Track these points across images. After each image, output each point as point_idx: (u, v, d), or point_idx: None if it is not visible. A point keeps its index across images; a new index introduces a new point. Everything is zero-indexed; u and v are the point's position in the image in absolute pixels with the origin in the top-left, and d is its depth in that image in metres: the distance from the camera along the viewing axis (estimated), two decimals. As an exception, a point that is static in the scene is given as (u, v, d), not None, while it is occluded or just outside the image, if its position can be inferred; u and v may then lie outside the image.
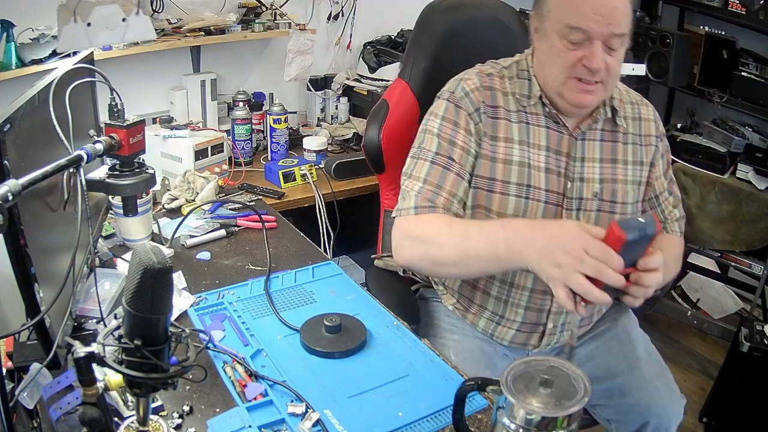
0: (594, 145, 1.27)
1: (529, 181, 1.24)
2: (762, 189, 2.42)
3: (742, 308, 2.77)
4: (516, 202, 1.24)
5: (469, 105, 1.24)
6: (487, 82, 1.26)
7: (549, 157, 1.25)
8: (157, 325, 0.73)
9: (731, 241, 2.52)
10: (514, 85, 1.27)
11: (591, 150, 1.27)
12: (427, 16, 1.63)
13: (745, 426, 2.09)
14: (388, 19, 2.72)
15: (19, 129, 0.86)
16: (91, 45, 1.79)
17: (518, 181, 1.23)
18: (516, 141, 1.24)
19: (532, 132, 1.25)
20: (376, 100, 2.46)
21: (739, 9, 2.58)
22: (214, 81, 2.31)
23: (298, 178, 2.10)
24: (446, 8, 1.60)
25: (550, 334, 1.33)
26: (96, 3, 1.79)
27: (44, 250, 0.96)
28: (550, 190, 1.24)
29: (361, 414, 1.00)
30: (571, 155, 1.25)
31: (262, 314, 1.27)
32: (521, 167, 1.23)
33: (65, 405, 0.92)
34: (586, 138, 1.27)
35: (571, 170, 1.25)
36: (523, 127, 1.25)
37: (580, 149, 1.26)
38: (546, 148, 1.25)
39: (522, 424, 0.77)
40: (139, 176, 1.12)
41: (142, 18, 1.93)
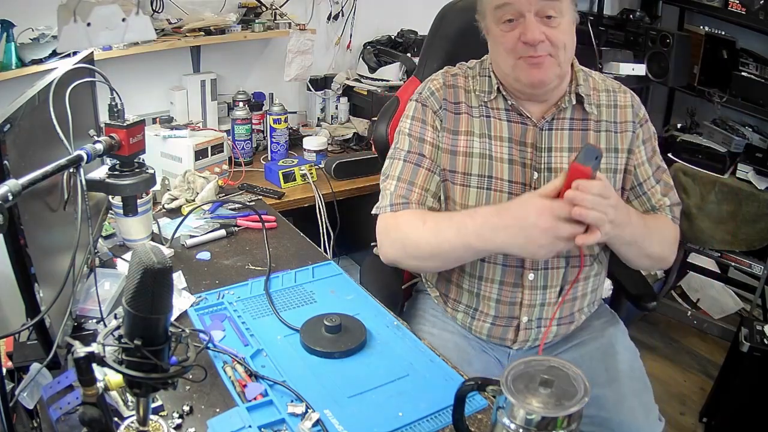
0: (562, 134, 1.26)
1: (490, 172, 1.26)
2: (762, 189, 2.42)
3: (742, 308, 2.77)
4: (477, 193, 1.26)
5: (434, 103, 1.30)
6: (451, 81, 1.31)
7: (512, 149, 1.25)
8: (157, 325, 0.73)
9: (731, 241, 2.52)
10: (476, 82, 1.30)
11: (558, 139, 1.26)
12: (443, 15, 1.65)
13: (745, 426, 2.09)
14: (388, 19, 2.73)
15: (19, 129, 0.86)
16: (91, 45, 1.79)
17: (479, 172, 1.26)
18: (477, 134, 1.27)
19: (493, 125, 1.27)
20: (376, 100, 2.48)
21: (739, 9, 2.59)
22: (214, 81, 2.32)
23: (298, 178, 2.10)
24: (462, 8, 1.61)
25: (526, 328, 1.31)
26: (96, 3, 1.79)
27: (44, 250, 0.96)
28: (513, 180, 1.25)
29: (361, 414, 1.00)
30: (537, 146, 1.25)
31: (262, 314, 1.27)
32: (482, 159, 1.26)
33: (65, 405, 0.92)
34: (553, 128, 1.26)
35: (537, 161, 1.25)
36: (484, 121, 1.27)
37: (546, 139, 1.25)
38: (508, 140, 1.26)
39: (522, 424, 0.77)
40: (139, 176, 1.12)
41: (142, 18, 1.93)
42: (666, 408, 2.31)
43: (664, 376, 2.45)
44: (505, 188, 1.25)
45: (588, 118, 1.27)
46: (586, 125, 1.27)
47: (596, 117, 1.27)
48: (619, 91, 1.31)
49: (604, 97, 1.29)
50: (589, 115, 1.27)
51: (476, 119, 1.28)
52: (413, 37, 2.65)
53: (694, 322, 2.77)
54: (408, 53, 2.61)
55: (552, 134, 1.26)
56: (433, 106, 1.30)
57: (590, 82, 1.30)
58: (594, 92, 1.28)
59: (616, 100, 1.29)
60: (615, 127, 1.28)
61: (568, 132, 1.26)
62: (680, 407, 2.33)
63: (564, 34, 1.16)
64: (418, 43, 2.64)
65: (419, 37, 2.66)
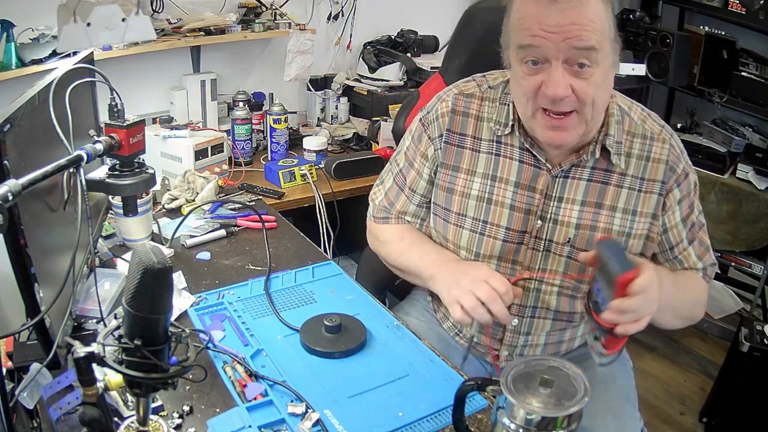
0: (578, 184, 1.12)
1: (486, 217, 1.18)
2: (762, 189, 2.42)
3: (742, 308, 2.77)
4: (470, 236, 1.20)
5: (434, 130, 1.22)
6: (461, 107, 1.19)
7: (517, 194, 1.15)
8: (157, 325, 0.73)
9: (731, 241, 2.52)
10: (493, 109, 1.17)
11: (573, 190, 1.13)
12: (469, 14, 1.65)
13: (745, 426, 2.09)
14: (388, 19, 2.73)
15: (19, 129, 0.86)
16: (91, 45, 1.79)
17: (475, 216, 1.19)
18: (479, 174, 1.18)
19: (501, 165, 1.16)
20: (376, 100, 2.48)
21: (739, 9, 2.59)
22: (214, 81, 2.31)
23: (298, 178, 2.10)
24: (488, 7, 1.61)
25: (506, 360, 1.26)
26: (96, 3, 1.79)
27: (44, 250, 0.96)
28: (511, 228, 1.16)
29: (361, 414, 1.00)
30: (547, 194, 1.13)
31: (262, 314, 1.27)
32: (479, 202, 1.18)
33: (65, 405, 0.92)
34: (569, 176, 1.12)
35: (545, 210, 1.14)
36: (491, 159, 1.17)
37: (559, 188, 1.13)
38: (515, 184, 1.15)
39: (522, 424, 0.77)
40: (139, 176, 1.12)
41: (142, 18, 1.93)
42: (666, 408, 2.32)
43: (664, 376, 2.46)
44: (500, 236, 1.17)
45: (612, 171, 1.12)
46: (608, 178, 1.12)
47: (621, 170, 1.11)
48: (656, 140, 1.12)
49: (637, 144, 1.11)
50: (614, 167, 1.11)
51: (483, 155, 1.18)
52: (413, 37, 2.65)
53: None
54: (408, 53, 2.61)
55: (567, 183, 1.13)
56: (432, 133, 1.21)
57: (625, 123, 1.12)
58: (627, 137, 1.11)
59: (650, 151, 1.11)
60: (640, 185, 1.12)
61: (586, 183, 1.12)
62: (680, 407, 2.33)
63: (595, 88, 0.99)
64: (418, 43, 2.65)
65: (419, 37, 2.66)
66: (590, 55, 0.96)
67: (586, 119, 1.02)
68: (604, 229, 1.13)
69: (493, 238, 1.18)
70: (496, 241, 1.18)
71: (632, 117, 1.13)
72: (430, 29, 2.75)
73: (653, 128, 1.13)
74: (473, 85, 1.22)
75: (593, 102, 1.00)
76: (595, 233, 1.13)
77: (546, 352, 1.27)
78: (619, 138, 1.11)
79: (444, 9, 2.94)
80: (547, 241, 1.16)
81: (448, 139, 1.20)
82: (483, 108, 1.18)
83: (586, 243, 1.13)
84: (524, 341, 1.24)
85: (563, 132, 1.02)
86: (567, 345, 1.29)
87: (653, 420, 2.25)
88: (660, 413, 2.29)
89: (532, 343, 1.25)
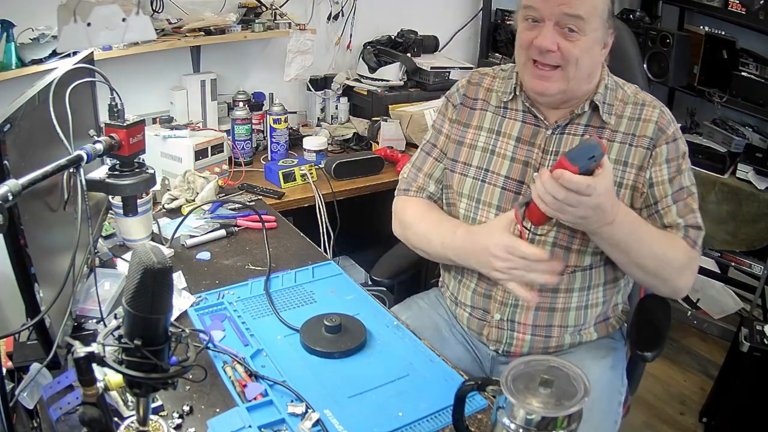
0: (574, 139, 1.25)
1: (488, 165, 1.30)
2: (762, 189, 2.42)
3: (742, 308, 2.77)
4: (472, 184, 1.32)
5: (456, 98, 1.39)
6: (476, 80, 1.38)
7: (517, 147, 1.28)
8: (157, 325, 0.74)
9: (731, 241, 2.52)
10: (501, 84, 1.34)
11: (569, 144, 1.25)
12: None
13: (745, 426, 2.09)
14: (388, 19, 2.73)
15: (19, 129, 0.86)
16: (91, 45, 1.79)
17: (478, 164, 1.32)
18: (485, 129, 1.33)
19: (505, 123, 1.31)
20: (376, 100, 2.48)
21: (739, 9, 2.59)
22: (214, 81, 2.31)
23: (298, 178, 2.10)
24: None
25: (498, 327, 1.30)
26: (96, 3, 1.79)
27: (44, 250, 0.96)
28: (510, 177, 1.28)
29: (361, 414, 1.00)
30: (545, 148, 1.26)
31: (262, 314, 1.27)
32: (483, 153, 1.32)
33: (65, 405, 0.92)
34: (565, 132, 1.25)
35: (543, 163, 1.26)
36: (496, 118, 1.32)
37: (555, 142, 1.25)
38: (516, 139, 1.29)
39: (522, 424, 0.77)
40: (139, 176, 1.12)
41: (142, 18, 1.93)
42: (666, 408, 2.32)
43: (664, 376, 2.46)
44: (499, 183, 1.29)
45: (604, 127, 1.24)
46: (601, 134, 1.24)
47: (613, 127, 1.23)
48: (648, 106, 1.24)
49: (629, 109, 1.25)
50: (605, 124, 1.24)
51: (489, 115, 1.33)
52: (413, 37, 2.65)
53: (694, 322, 2.77)
54: (408, 53, 2.61)
55: (563, 138, 1.25)
56: (454, 101, 1.39)
57: (618, 93, 1.26)
58: (619, 103, 1.25)
59: (641, 114, 1.24)
60: (630, 140, 1.23)
61: (580, 138, 1.25)
62: (680, 407, 2.33)
63: (580, 50, 1.14)
64: (418, 43, 2.65)
65: (419, 37, 2.66)
66: (578, 22, 1.13)
67: (568, 76, 1.17)
68: None
69: (492, 186, 1.29)
70: (496, 188, 1.29)
71: (625, 90, 1.28)
72: (430, 29, 2.75)
73: (645, 98, 1.27)
74: (489, 68, 1.41)
75: (576, 62, 1.15)
76: None
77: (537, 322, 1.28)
78: (611, 101, 1.25)
79: (444, 9, 2.95)
80: None
81: (463, 102, 1.37)
82: (494, 83, 1.36)
83: None
84: (515, 299, 1.27)
85: (546, 81, 1.18)
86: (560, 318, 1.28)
87: (653, 420, 2.25)
88: (660, 413, 2.29)
89: (522, 303, 1.27)
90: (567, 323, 1.30)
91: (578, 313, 1.29)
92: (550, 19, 1.14)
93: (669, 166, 1.22)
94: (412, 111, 2.38)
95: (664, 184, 1.22)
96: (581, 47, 1.14)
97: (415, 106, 2.45)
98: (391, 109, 2.44)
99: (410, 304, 1.49)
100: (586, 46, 1.15)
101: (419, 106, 2.43)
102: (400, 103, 2.49)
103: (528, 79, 1.21)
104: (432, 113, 2.34)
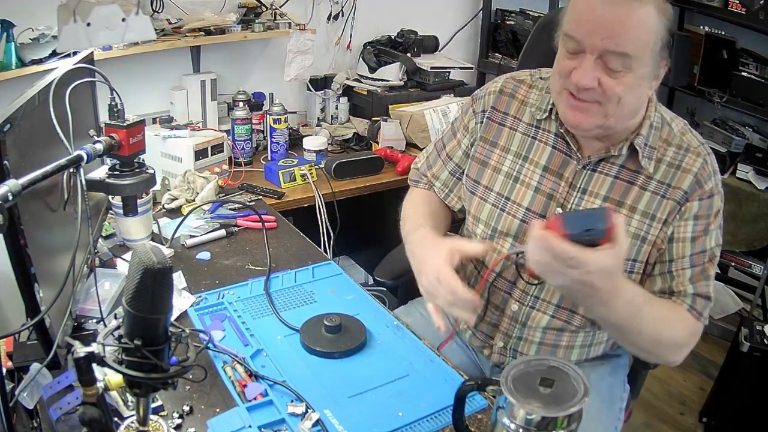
0: (604, 180, 1.13)
1: (510, 194, 1.21)
2: (762, 189, 2.42)
3: (742, 308, 2.77)
4: (491, 211, 1.23)
5: (480, 104, 1.28)
6: (510, 89, 1.25)
7: (544, 177, 1.18)
8: (157, 325, 0.73)
9: (731, 241, 2.52)
10: (537, 97, 1.22)
11: (598, 184, 1.13)
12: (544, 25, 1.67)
13: (745, 426, 2.10)
14: (388, 19, 2.73)
15: (19, 129, 0.86)
16: (91, 45, 1.79)
17: (499, 191, 1.23)
18: (512, 152, 1.22)
19: (535, 148, 1.20)
20: (376, 100, 2.48)
21: (739, 9, 2.58)
22: (214, 81, 2.31)
23: (298, 178, 2.10)
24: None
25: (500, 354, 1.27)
26: (96, 3, 1.79)
27: (44, 250, 0.96)
28: (531, 210, 1.18)
29: (361, 414, 1.00)
30: (573, 183, 1.15)
31: (262, 314, 1.27)
32: (507, 178, 1.22)
33: (65, 405, 0.92)
34: (597, 170, 1.13)
35: (568, 199, 1.15)
36: (526, 140, 1.21)
37: (585, 180, 1.14)
38: (544, 168, 1.18)
39: (522, 424, 0.77)
40: (139, 176, 1.12)
41: (142, 18, 1.93)
42: (666, 408, 2.32)
43: (664, 376, 2.46)
44: (519, 214, 1.20)
45: (640, 172, 1.11)
46: (634, 179, 1.11)
47: (649, 173, 1.10)
48: (691, 152, 1.10)
49: (671, 152, 1.10)
50: (642, 169, 1.10)
51: (518, 135, 1.22)
52: (413, 37, 2.65)
53: (694, 322, 2.76)
54: (408, 53, 2.61)
55: (593, 176, 1.13)
56: (477, 107, 1.28)
57: (664, 132, 1.12)
58: (662, 145, 1.11)
59: (681, 161, 1.09)
60: (664, 191, 1.09)
61: (612, 180, 1.12)
62: (680, 407, 2.33)
63: (623, 89, 1.01)
64: (417, 43, 2.65)
65: (419, 37, 2.66)
66: (624, 60, 0.99)
67: (607, 113, 1.04)
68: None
69: (512, 216, 1.21)
70: (515, 219, 1.20)
71: (672, 128, 1.13)
72: (430, 29, 2.75)
73: (691, 141, 1.12)
74: (527, 73, 1.27)
75: (619, 100, 1.02)
76: None
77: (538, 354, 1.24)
78: (654, 144, 1.11)
79: (444, 9, 2.95)
80: None
81: (491, 116, 1.26)
82: (530, 94, 1.23)
83: None
84: (519, 333, 1.23)
85: (582, 114, 1.05)
86: (564, 354, 1.24)
87: (653, 420, 2.25)
88: (660, 413, 2.29)
89: (527, 337, 1.23)
90: (570, 357, 1.25)
91: (582, 350, 1.25)
92: (592, 52, 0.99)
93: (696, 224, 1.09)
94: (412, 111, 2.38)
95: (685, 242, 1.10)
96: (626, 84, 1.01)
97: (415, 106, 2.45)
98: (391, 109, 2.44)
99: (411, 309, 1.46)
100: (631, 83, 1.01)
101: (419, 106, 2.43)
102: (400, 103, 2.49)
103: (563, 109, 1.09)
104: (432, 113, 2.34)
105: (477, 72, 3.06)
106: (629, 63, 0.99)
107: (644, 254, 1.12)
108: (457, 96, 2.57)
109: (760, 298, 2.60)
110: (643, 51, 1.00)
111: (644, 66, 1.01)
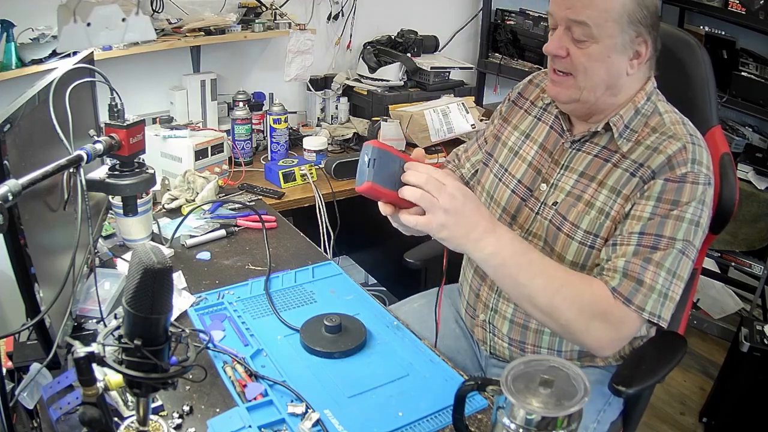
0: (584, 158, 1.17)
1: (508, 166, 1.29)
2: (762, 189, 2.42)
3: (742, 308, 2.77)
4: (492, 180, 1.32)
5: (514, 92, 1.39)
6: (538, 80, 1.35)
7: (538, 154, 1.25)
8: (157, 325, 0.74)
9: (731, 241, 2.52)
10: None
11: (579, 161, 1.18)
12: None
13: (745, 426, 2.10)
14: (388, 19, 2.73)
15: (19, 129, 0.86)
16: (91, 45, 1.79)
17: (501, 162, 1.32)
18: (519, 130, 1.32)
19: (537, 127, 1.29)
20: (376, 100, 2.48)
21: (739, 9, 2.58)
22: (214, 81, 2.31)
23: (298, 178, 2.10)
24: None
25: (482, 327, 1.31)
26: (96, 3, 1.79)
27: (44, 250, 0.96)
28: (521, 181, 1.25)
29: (361, 414, 1.00)
30: (558, 160, 1.21)
31: (262, 314, 1.27)
32: (509, 151, 1.31)
33: (65, 405, 0.92)
34: (582, 149, 1.18)
35: (551, 174, 1.21)
36: (532, 120, 1.31)
37: (569, 158, 1.19)
38: (540, 145, 1.26)
39: (522, 424, 0.77)
40: (139, 176, 1.12)
41: (142, 18, 1.93)
42: (666, 408, 2.32)
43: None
44: (511, 185, 1.27)
45: (617, 152, 1.13)
46: (610, 156, 1.13)
47: (623, 152, 1.11)
48: (673, 138, 1.08)
49: (653, 137, 1.10)
50: (618, 148, 1.13)
51: (528, 116, 1.32)
52: (413, 37, 2.65)
53: (694, 322, 2.77)
54: (408, 53, 2.61)
55: (576, 155, 1.19)
56: (512, 95, 1.39)
57: (652, 120, 1.12)
58: (646, 131, 1.11)
59: (659, 144, 1.08)
60: (635, 169, 1.09)
61: (591, 158, 1.16)
62: (680, 407, 2.33)
63: (587, 59, 1.06)
64: (417, 43, 2.65)
65: (419, 37, 2.66)
66: (584, 29, 1.05)
67: (579, 85, 1.10)
68: (586, 201, 1.13)
69: (505, 186, 1.28)
70: (507, 189, 1.27)
71: (663, 118, 1.12)
72: (430, 29, 2.75)
73: (679, 131, 1.09)
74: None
75: (585, 70, 1.08)
76: (578, 203, 1.14)
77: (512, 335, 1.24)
78: (636, 128, 1.12)
79: (444, 9, 2.95)
80: (542, 204, 1.21)
81: (515, 100, 1.37)
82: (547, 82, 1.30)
83: (567, 210, 1.15)
84: (495, 304, 1.26)
85: (558, 87, 1.13)
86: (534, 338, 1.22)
87: (653, 420, 2.25)
88: (660, 413, 2.29)
89: (500, 310, 1.25)
90: (540, 344, 1.23)
91: (552, 339, 1.22)
92: (561, 24, 1.08)
93: (656, 206, 1.05)
94: (412, 111, 2.38)
95: (640, 220, 1.05)
96: (590, 54, 1.06)
97: (415, 106, 2.45)
98: (391, 109, 2.44)
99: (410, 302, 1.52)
100: (596, 53, 1.06)
101: (419, 106, 2.43)
102: (400, 103, 2.49)
103: (547, 84, 1.19)
104: (432, 113, 2.34)
105: (477, 72, 3.06)
106: (590, 32, 1.05)
107: (606, 230, 1.10)
108: (457, 96, 2.57)
109: (760, 298, 2.60)
110: (603, 20, 1.03)
111: (609, 37, 1.05)
